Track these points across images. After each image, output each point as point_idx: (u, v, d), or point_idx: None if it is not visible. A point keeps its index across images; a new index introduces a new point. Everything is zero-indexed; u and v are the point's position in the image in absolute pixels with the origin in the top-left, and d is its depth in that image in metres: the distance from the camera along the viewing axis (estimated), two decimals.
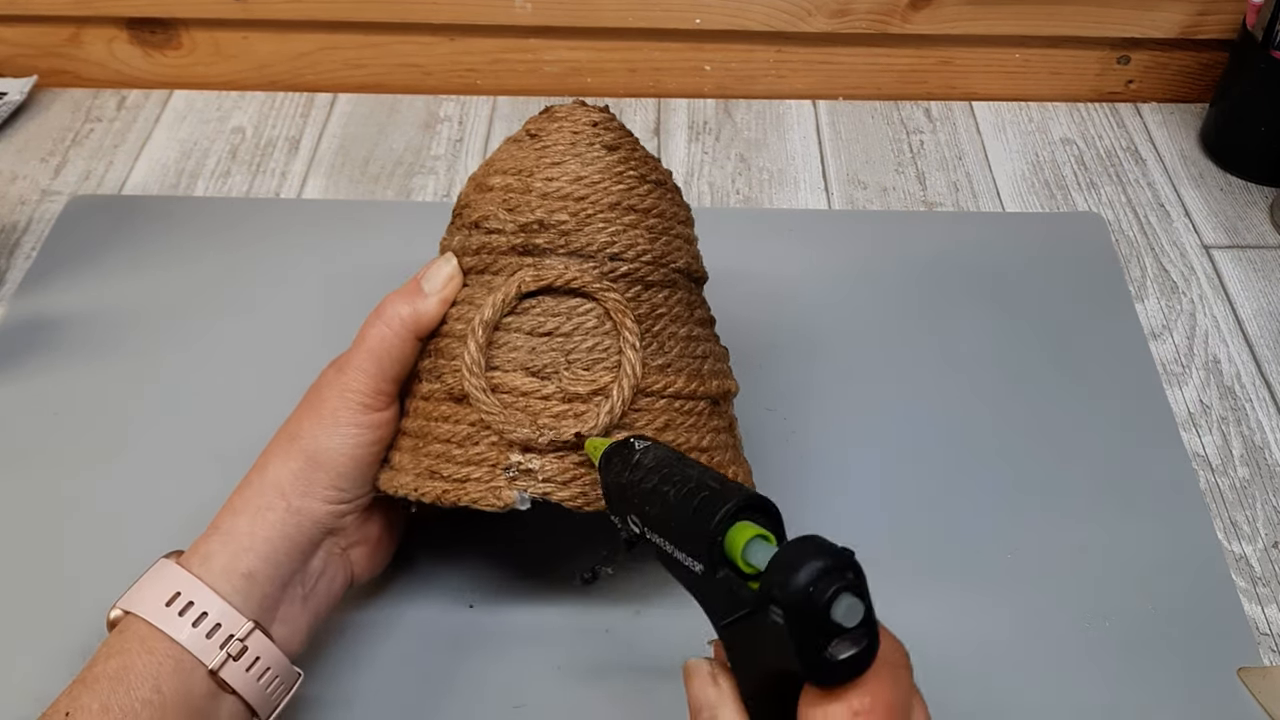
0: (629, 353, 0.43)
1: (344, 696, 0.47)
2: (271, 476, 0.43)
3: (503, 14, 0.76)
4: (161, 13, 0.77)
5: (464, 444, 0.43)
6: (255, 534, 0.42)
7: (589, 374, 0.43)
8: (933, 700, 0.48)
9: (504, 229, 0.44)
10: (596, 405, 0.43)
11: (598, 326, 0.44)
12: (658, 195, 0.46)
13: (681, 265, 0.46)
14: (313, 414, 0.44)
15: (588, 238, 0.44)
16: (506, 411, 0.43)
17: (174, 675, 0.39)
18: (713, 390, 0.46)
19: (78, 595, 0.50)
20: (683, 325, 0.46)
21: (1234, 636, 0.50)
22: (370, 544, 0.47)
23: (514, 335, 0.44)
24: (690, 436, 0.45)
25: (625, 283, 0.44)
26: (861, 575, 0.28)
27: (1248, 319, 0.65)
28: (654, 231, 0.45)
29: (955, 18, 0.77)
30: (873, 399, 0.60)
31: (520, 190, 0.45)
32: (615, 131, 0.46)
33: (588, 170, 0.45)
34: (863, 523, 0.54)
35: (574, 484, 0.43)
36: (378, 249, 0.67)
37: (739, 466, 0.48)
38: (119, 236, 0.68)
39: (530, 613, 0.50)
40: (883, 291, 0.66)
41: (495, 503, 0.42)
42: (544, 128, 0.46)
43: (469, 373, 0.43)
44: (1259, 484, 0.57)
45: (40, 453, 0.56)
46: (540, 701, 0.47)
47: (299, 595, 0.44)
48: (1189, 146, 0.77)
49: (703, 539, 0.32)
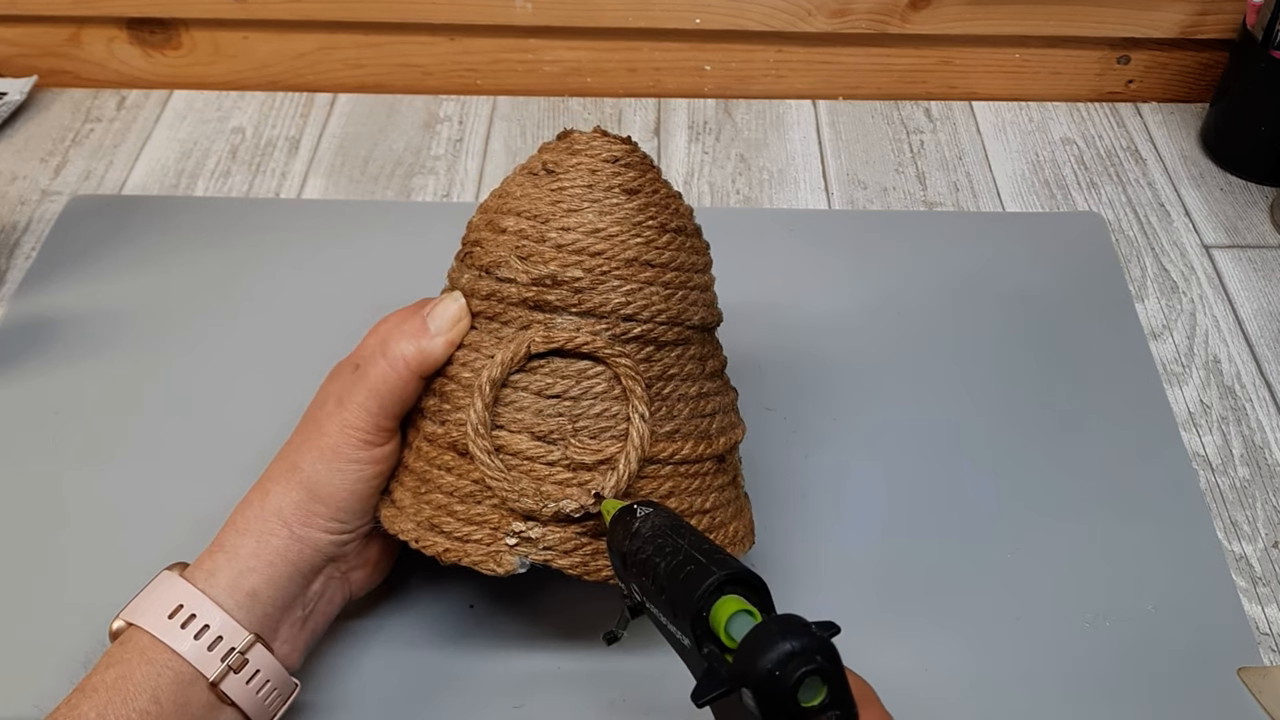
0: (637, 422, 0.42)
1: (343, 697, 0.47)
2: (274, 505, 0.43)
3: (503, 14, 0.76)
4: (161, 13, 0.77)
5: (466, 500, 0.43)
6: (260, 556, 0.42)
7: (595, 443, 0.42)
8: (932, 700, 0.48)
9: (516, 279, 0.43)
10: (602, 475, 0.42)
11: (607, 391, 0.43)
12: (676, 246, 0.45)
13: (696, 321, 0.45)
14: (313, 446, 0.44)
15: (601, 297, 0.43)
16: (510, 476, 0.42)
17: (173, 686, 0.39)
18: (719, 449, 0.46)
19: (77, 595, 0.50)
20: (694, 384, 0.45)
21: (1234, 636, 0.50)
22: (369, 566, 0.47)
23: (521, 394, 0.43)
24: (694, 500, 0.45)
25: (637, 344, 0.43)
26: (833, 657, 0.28)
27: (1248, 319, 0.65)
28: (670, 288, 0.44)
29: (955, 18, 0.77)
30: (872, 399, 0.60)
31: (535, 239, 0.43)
32: (635, 170, 0.45)
33: (605, 221, 0.43)
34: (862, 522, 0.54)
35: (576, 553, 0.42)
36: (378, 249, 0.67)
37: (740, 520, 0.47)
38: (119, 236, 0.68)
39: (530, 613, 0.50)
40: (882, 292, 0.66)
41: (496, 569, 0.42)
42: (561, 161, 0.44)
43: (474, 433, 0.42)
44: (1259, 484, 0.57)
45: (40, 453, 0.56)
46: (540, 701, 0.47)
47: (299, 616, 0.44)
48: (1189, 146, 0.77)
49: (687, 613, 0.32)
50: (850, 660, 0.32)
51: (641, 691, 0.48)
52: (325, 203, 0.71)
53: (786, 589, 0.51)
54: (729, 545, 0.46)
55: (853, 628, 0.50)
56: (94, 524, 0.53)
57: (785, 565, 0.52)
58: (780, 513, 0.54)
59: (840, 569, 0.52)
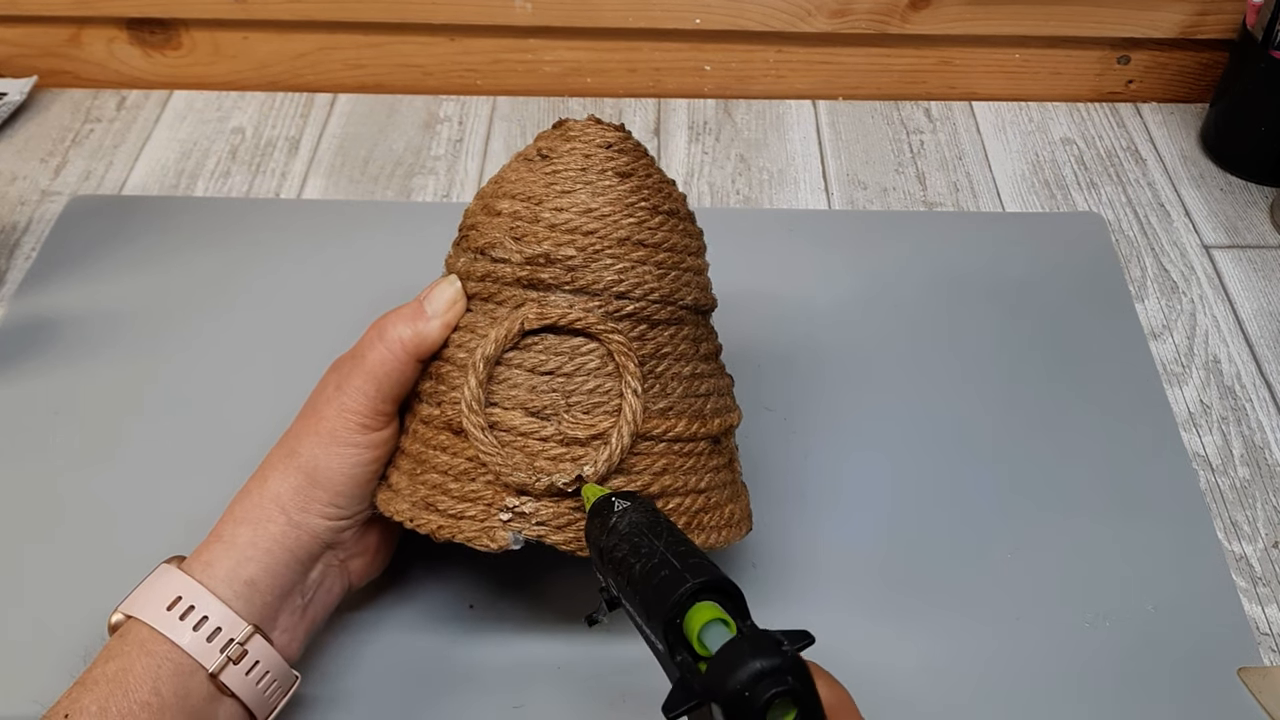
0: (630, 397, 0.43)
1: (343, 696, 0.47)
2: (271, 491, 0.43)
3: (503, 14, 0.76)
4: (161, 13, 0.77)
5: (460, 478, 0.43)
6: (257, 544, 0.42)
7: (589, 418, 0.43)
8: (932, 700, 0.48)
9: (510, 259, 0.44)
10: (595, 450, 0.42)
11: (600, 368, 0.43)
12: (669, 228, 0.45)
13: (689, 301, 0.46)
14: (311, 431, 0.44)
15: (594, 275, 0.43)
16: (504, 451, 0.42)
17: (173, 678, 0.39)
18: (714, 429, 0.46)
19: (76, 594, 0.50)
20: (687, 364, 0.45)
21: (1234, 636, 0.50)
22: (368, 554, 0.47)
23: (515, 371, 0.43)
24: (688, 479, 0.45)
25: (630, 322, 0.44)
26: (804, 676, 0.28)
27: (1248, 319, 0.65)
28: (663, 267, 0.44)
29: (955, 18, 0.77)
30: (872, 399, 0.60)
31: (529, 219, 0.44)
32: (629, 155, 0.45)
33: (598, 201, 0.44)
34: (862, 522, 0.54)
35: (569, 529, 0.42)
36: (378, 249, 0.67)
37: (736, 503, 0.47)
38: (119, 237, 0.68)
39: (530, 613, 0.50)
40: (882, 292, 0.66)
41: (489, 544, 0.42)
42: (555, 148, 0.45)
43: (468, 409, 0.43)
44: (1259, 484, 0.57)
45: (39, 452, 0.56)
46: (540, 701, 0.47)
47: (298, 605, 0.44)
48: (1189, 146, 0.77)
49: (660, 617, 0.32)
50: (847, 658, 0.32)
51: (642, 692, 0.48)
52: (325, 203, 0.71)
53: (784, 586, 0.52)
54: (725, 527, 0.46)
55: (850, 626, 0.50)
56: (93, 523, 0.53)
57: (783, 564, 0.52)
58: (779, 511, 0.54)
59: (838, 570, 0.52)
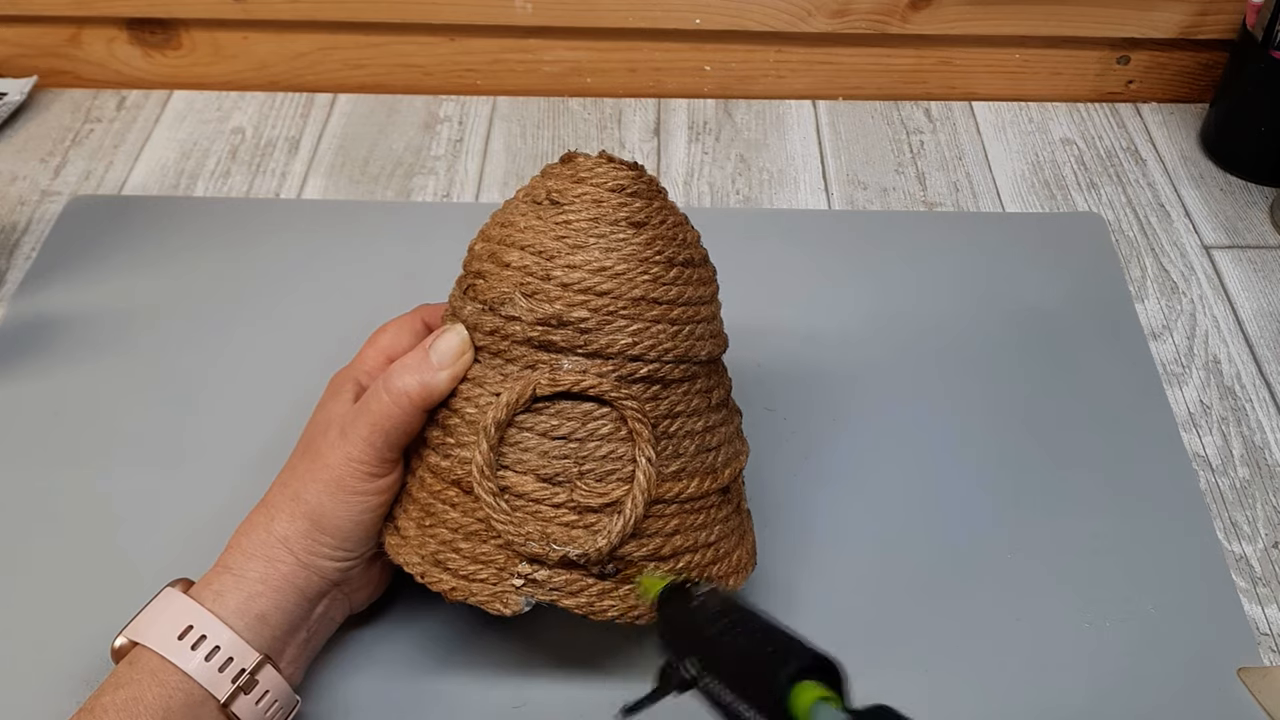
0: (643, 464, 0.42)
1: (343, 696, 0.47)
2: (279, 533, 0.43)
3: (503, 14, 0.76)
4: (161, 13, 0.77)
5: (471, 538, 0.43)
6: (268, 581, 0.42)
7: (601, 486, 0.42)
8: (932, 700, 0.48)
9: (521, 317, 0.42)
10: (609, 519, 0.42)
11: (613, 433, 0.42)
12: (684, 280, 0.44)
13: (704, 356, 0.45)
14: (316, 479, 0.43)
15: (608, 338, 0.42)
16: (516, 517, 0.42)
17: (184, 708, 0.39)
18: (724, 480, 0.45)
19: (76, 596, 0.50)
20: (700, 418, 0.45)
21: (1234, 636, 0.50)
22: (371, 585, 0.48)
23: (526, 435, 0.42)
24: (698, 535, 0.44)
25: (644, 384, 0.43)
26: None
27: (1248, 319, 0.65)
28: (677, 324, 0.43)
29: (955, 18, 0.77)
30: (872, 399, 0.60)
31: (540, 276, 0.42)
32: (642, 199, 0.44)
33: (611, 259, 0.42)
34: (862, 522, 0.54)
35: (582, 594, 0.42)
36: (378, 249, 0.67)
37: (743, 546, 0.47)
38: (119, 236, 0.68)
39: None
40: (883, 292, 0.66)
41: (502, 609, 0.42)
42: (565, 191, 0.43)
43: (479, 474, 0.42)
44: (1259, 484, 0.57)
45: (40, 453, 0.56)
46: (540, 701, 0.47)
47: (303, 638, 0.44)
48: (1189, 146, 0.77)
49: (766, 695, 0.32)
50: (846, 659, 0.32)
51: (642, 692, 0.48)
52: (325, 203, 0.71)
53: (783, 586, 0.52)
54: (733, 573, 0.46)
55: (852, 627, 0.50)
56: (93, 524, 0.53)
57: (785, 564, 0.52)
58: (780, 512, 0.54)
59: (838, 570, 0.52)
